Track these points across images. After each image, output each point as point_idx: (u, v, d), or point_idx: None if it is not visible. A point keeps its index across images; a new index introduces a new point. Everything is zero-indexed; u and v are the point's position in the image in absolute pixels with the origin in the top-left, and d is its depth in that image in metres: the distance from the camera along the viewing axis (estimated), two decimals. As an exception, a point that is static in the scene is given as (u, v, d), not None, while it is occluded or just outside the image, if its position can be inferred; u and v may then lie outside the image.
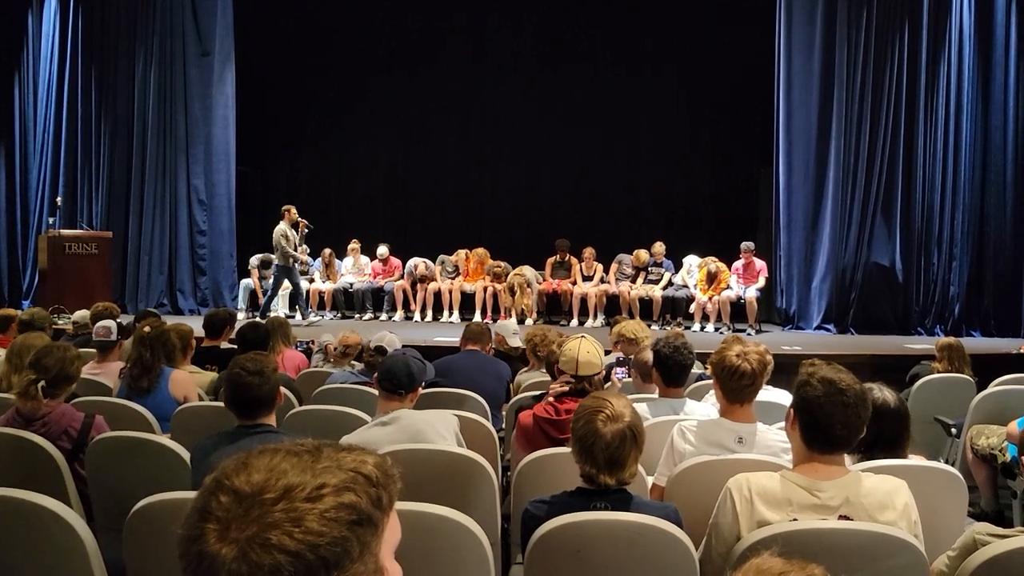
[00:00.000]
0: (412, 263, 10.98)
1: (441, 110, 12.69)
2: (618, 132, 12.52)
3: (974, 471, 4.76)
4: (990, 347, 8.84)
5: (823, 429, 2.20)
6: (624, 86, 12.43)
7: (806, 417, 2.23)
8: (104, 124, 11.47)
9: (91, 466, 3.20)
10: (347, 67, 12.72)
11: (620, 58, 12.49)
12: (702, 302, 10.12)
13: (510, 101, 12.60)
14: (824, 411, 2.19)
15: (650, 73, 12.42)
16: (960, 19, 10.00)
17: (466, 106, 12.67)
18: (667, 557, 2.15)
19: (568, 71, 12.46)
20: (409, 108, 12.74)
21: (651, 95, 12.41)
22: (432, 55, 12.58)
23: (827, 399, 2.19)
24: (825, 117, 10.17)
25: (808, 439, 2.24)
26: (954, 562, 2.23)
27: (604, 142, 12.52)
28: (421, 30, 12.62)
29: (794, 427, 2.29)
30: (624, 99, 12.42)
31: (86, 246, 10.03)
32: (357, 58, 12.68)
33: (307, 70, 12.75)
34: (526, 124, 12.54)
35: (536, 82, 12.57)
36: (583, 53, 12.49)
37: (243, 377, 2.82)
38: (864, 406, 2.23)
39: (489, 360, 5.13)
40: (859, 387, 2.24)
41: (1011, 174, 9.97)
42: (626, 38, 12.43)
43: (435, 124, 12.80)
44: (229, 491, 0.88)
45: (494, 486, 2.91)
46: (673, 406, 3.57)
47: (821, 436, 2.22)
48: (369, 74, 12.73)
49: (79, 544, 2.21)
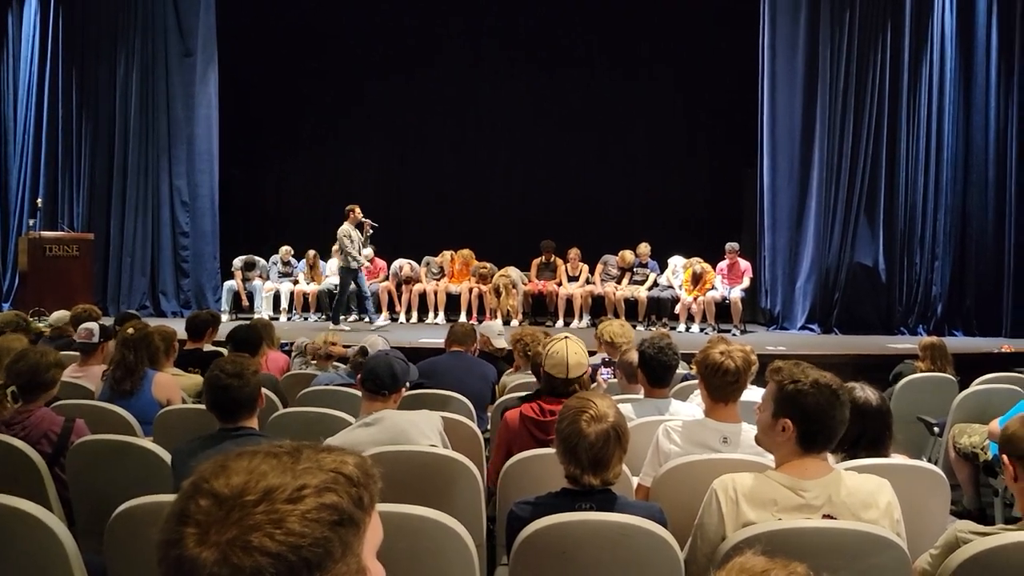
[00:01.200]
0: (397, 264, 10.95)
1: (429, 113, 12.65)
2: (604, 134, 12.53)
3: (956, 469, 4.80)
4: (972, 346, 8.91)
5: (825, 433, 2.26)
6: (609, 89, 12.44)
7: (808, 421, 2.25)
8: (85, 125, 11.37)
9: (72, 470, 3.17)
10: (333, 69, 12.66)
11: (606, 61, 12.51)
12: (687, 303, 10.15)
13: (493, 103, 12.58)
14: (828, 414, 2.24)
15: (636, 76, 12.43)
16: (942, 21, 10.08)
17: (453, 109, 12.63)
18: (652, 557, 2.15)
19: (557, 75, 12.45)
20: (394, 110, 12.70)
21: (636, 97, 12.42)
22: (421, 58, 12.53)
23: (827, 401, 2.24)
24: (809, 118, 10.22)
25: (809, 441, 2.26)
26: (936, 560, 2.24)
27: (589, 144, 12.52)
28: (409, 33, 12.56)
29: (783, 431, 2.28)
30: (609, 102, 12.42)
31: (67, 248, 9.94)
32: (342, 59, 12.63)
33: (293, 72, 12.68)
34: (508, 126, 12.53)
35: (524, 86, 12.55)
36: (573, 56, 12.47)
37: (222, 380, 2.80)
38: (848, 400, 2.34)
39: (474, 361, 5.12)
40: (846, 388, 2.34)
41: (992, 175, 10.06)
42: (614, 41, 12.43)
43: (422, 127, 12.77)
44: (208, 494, 0.87)
45: (479, 487, 2.90)
46: (658, 406, 3.57)
47: (823, 436, 2.27)
48: (356, 75, 12.67)
49: (60, 549, 2.19)
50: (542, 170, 12.55)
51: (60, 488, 3.15)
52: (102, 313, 7.17)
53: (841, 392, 2.28)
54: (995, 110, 10.01)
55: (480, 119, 12.72)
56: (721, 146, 12.26)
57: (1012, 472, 2.28)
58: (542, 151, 12.48)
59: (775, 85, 10.35)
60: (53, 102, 11.31)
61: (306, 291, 11.10)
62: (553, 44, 12.46)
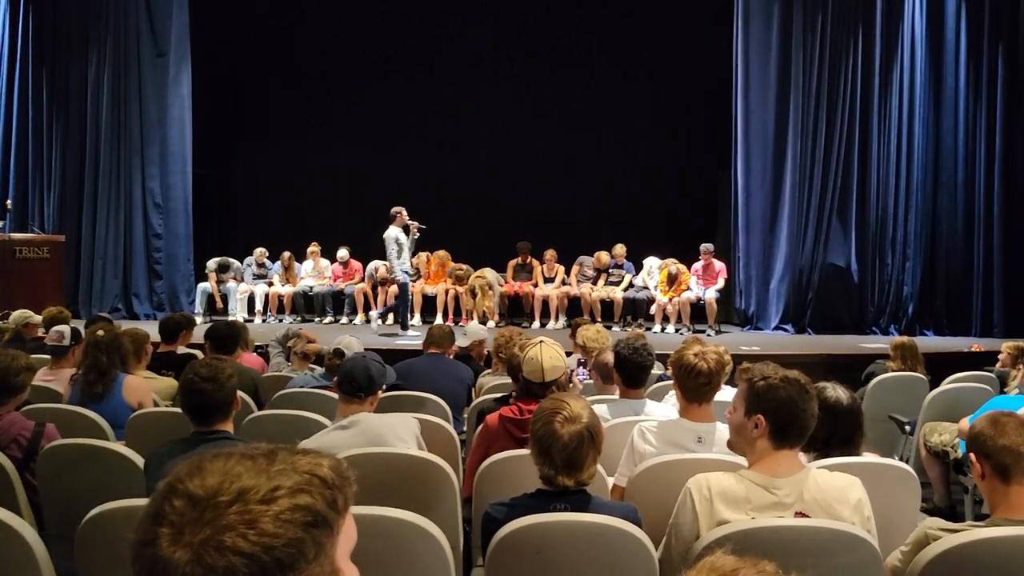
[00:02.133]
0: (373, 266, 10.90)
1: (402, 113, 12.61)
2: (578, 135, 12.55)
3: (927, 467, 4.86)
4: (942, 346, 9.04)
5: (797, 423, 2.30)
6: (583, 90, 12.47)
7: (780, 414, 2.29)
8: (56, 125, 11.21)
9: (43, 475, 3.13)
10: (307, 69, 12.61)
11: (581, 63, 12.54)
12: (662, 303, 10.20)
13: (473, 104, 12.57)
14: (797, 405, 2.29)
15: (611, 77, 12.48)
16: (912, 24, 10.22)
17: (425, 110, 12.60)
18: (627, 557, 2.16)
19: (525, 75, 12.47)
20: (369, 111, 12.65)
21: (612, 98, 12.45)
22: (395, 58, 12.50)
23: (797, 395, 2.29)
24: (782, 121, 10.31)
25: (781, 435, 2.30)
26: (907, 556, 2.27)
27: (563, 146, 12.53)
28: (384, 32, 12.53)
29: (756, 428, 2.31)
30: (584, 103, 12.46)
31: (37, 250, 9.79)
32: (315, 60, 12.57)
33: (266, 72, 12.61)
34: (487, 126, 12.53)
35: (498, 87, 12.55)
36: (546, 57, 12.48)
37: (196, 383, 2.78)
38: (815, 394, 2.42)
39: (451, 363, 5.12)
40: (808, 379, 2.40)
41: (961, 176, 10.20)
42: (588, 44, 12.48)
43: (396, 127, 12.71)
44: (183, 495, 0.87)
45: (455, 489, 2.90)
46: (633, 407, 3.59)
47: (795, 430, 2.31)
48: (329, 76, 12.62)
49: (30, 554, 2.17)
50: (517, 172, 12.54)
51: (30, 493, 3.11)
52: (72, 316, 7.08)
53: (809, 387, 2.35)
54: (964, 113, 10.16)
55: (457, 121, 12.69)
56: (695, 148, 12.33)
57: (979, 470, 2.32)
58: (515, 153, 12.47)
59: (748, 88, 10.43)
60: (23, 102, 11.13)
61: (281, 293, 11.03)
62: (528, 47, 12.46)
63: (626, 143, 12.57)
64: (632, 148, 12.57)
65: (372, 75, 12.57)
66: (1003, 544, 2.09)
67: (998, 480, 2.27)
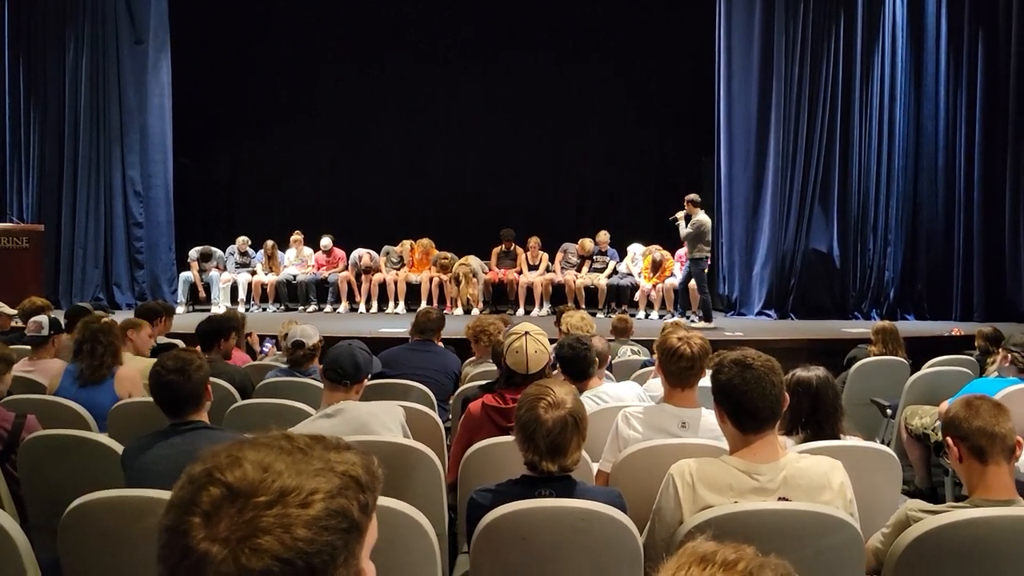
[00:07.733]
0: (356, 254, 10.87)
1: (385, 101, 12.54)
2: (563, 123, 12.55)
3: (908, 450, 4.91)
4: (923, 330, 9.13)
5: (747, 407, 2.25)
6: (569, 77, 12.47)
7: (728, 401, 2.29)
8: (34, 113, 11.06)
9: (24, 466, 3.11)
10: (288, 56, 12.53)
11: (564, 49, 12.51)
12: (646, 290, 10.24)
13: (455, 92, 12.53)
14: (740, 390, 2.25)
15: (594, 64, 12.47)
16: (893, 11, 10.27)
17: (411, 97, 12.54)
18: (611, 542, 2.17)
19: (513, 62, 12.43)
20: (352, 99, 12.58)
21: (595, 86, 12.47)
22: (376, 47, 12.44)
23: (740, 377, 2.26)
24: (764, 107, 10.34)
25: (738, 422, 2.29)
26: (888, 538, 2.30)
27: (549, 132, 12.53)
28: (364, 21, 12.45)
29: (723, 417, 2.34)
30: (569, 90, 12.45)
31: (16, 240, 9.69)
32: (296, 48, 12.49)
33: (248, 59, 12.51)
34: (470, 114, 12.49)
35: (481, 74, 12.53)
36: (528, 44, 12.45)
37: (163, 376, 2.76)
38: (775, 373, 2.30)
39: (437, 351, 5.11)
40: (765, 358, 2.32)
41: (942, 162, 10.29)
42: (571, 31, 12.46)
43: (379, 115, 12.65)
44: (221, 485, 0.87)
45: (440, 477, 2.91)
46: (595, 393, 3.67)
47: (747, 414, 2.26)
48: (310, 63, 12.54)
49: (12, 546, 2.16)
50: (501, 159, 12.53)
51: (12, 485, 3.10)
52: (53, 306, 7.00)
53: (755, 366, 2.27)
54: (944, 99, 10.25)
55: (439, 109, 12.65)
56: (678, 135, 12.36)
57: (956, 453, 2.34)
58: (500, 140, 12.46)
59: (731, 74, 10.46)
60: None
61: (264, 282, 10.98)
62: (511, 33, 12.43)
63: (610, 130, 12.57)
64: (615, 135, 12.58)
65: (355, 63, 12.50)
66: (982, 524, 2.12)
67: (975, 461, 2.29)
